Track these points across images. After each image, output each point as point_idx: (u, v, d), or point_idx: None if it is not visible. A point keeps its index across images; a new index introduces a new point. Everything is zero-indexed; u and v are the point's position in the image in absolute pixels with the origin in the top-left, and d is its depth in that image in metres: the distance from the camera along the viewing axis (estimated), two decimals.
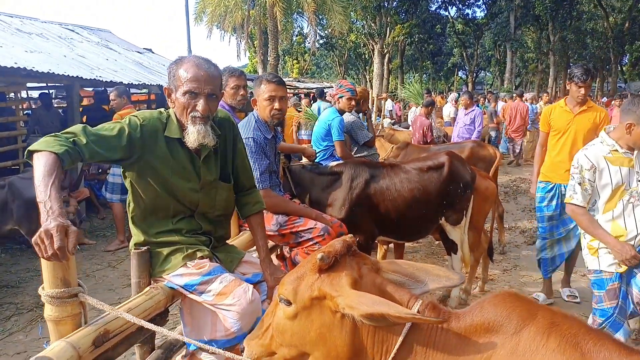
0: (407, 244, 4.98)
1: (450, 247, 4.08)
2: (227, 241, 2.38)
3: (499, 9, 31.08)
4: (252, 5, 19.12)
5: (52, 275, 1.53)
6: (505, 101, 14.68)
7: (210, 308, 1.94)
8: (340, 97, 4.44)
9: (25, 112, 10.42)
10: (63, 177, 4.56)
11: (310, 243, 2.85)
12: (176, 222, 2.07)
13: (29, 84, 10.01)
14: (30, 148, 1.66)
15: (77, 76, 6.99)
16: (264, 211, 2.93)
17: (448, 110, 12.48)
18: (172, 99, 2.02)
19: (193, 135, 1.95)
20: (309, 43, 41.47)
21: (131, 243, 2.10)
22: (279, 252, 3.42)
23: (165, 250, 2.04)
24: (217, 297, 1.90)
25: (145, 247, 2.02)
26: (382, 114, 13.72)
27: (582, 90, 3.93)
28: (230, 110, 3.67)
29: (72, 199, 6.38)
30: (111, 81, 7.61)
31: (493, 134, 12.17)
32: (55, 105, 10.67)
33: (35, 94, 10.89)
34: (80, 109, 9.60)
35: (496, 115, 12.38)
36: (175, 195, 2.03)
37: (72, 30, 10.50)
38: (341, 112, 4.45)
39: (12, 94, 8.41)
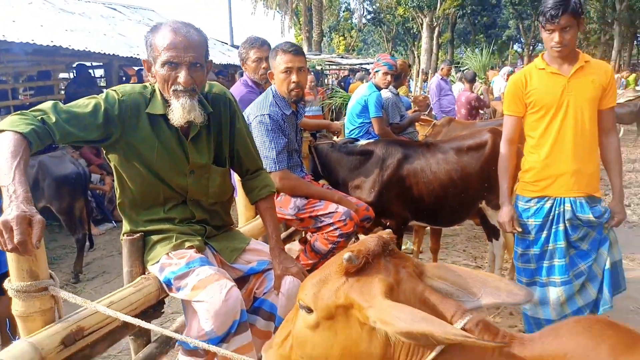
0: (446, 228, 4.65)
1: (491, 232, 3.75)
2: (235, 228, 2.18)
3: None
4: None
5: (17, 268, 1.37)
6: None
7: (191, 305, 1.72)
8: (377, 71, 4.12)
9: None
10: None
11: (331, 228, 2.59)
12: (168, 210, 1.90)
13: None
14: None
15: (114, 54, 6.98)
16: (282, 194, 2.72)
17: (499, 84, 11.81)
18: (153, 73, 1.80)
19: (177, 111, 1.73)
20: (356, 19, 40.87)
21: (122, 233, 1.94)
22: (302, 236, 3.22)
23: (154, 238, 1.87)
24: (192, 291, 1.68)
25: (139, 234, 1.85)
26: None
27: (556, 36, 2.29)
28: (254, 86, 3.45)
29: (108, 177, 6.40)
30: None
31: None
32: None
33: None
34: None
35: None
36: (163, 180, 1.85)
37: (115, 9, 10.55)
38: (379, 87, 4.14)
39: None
